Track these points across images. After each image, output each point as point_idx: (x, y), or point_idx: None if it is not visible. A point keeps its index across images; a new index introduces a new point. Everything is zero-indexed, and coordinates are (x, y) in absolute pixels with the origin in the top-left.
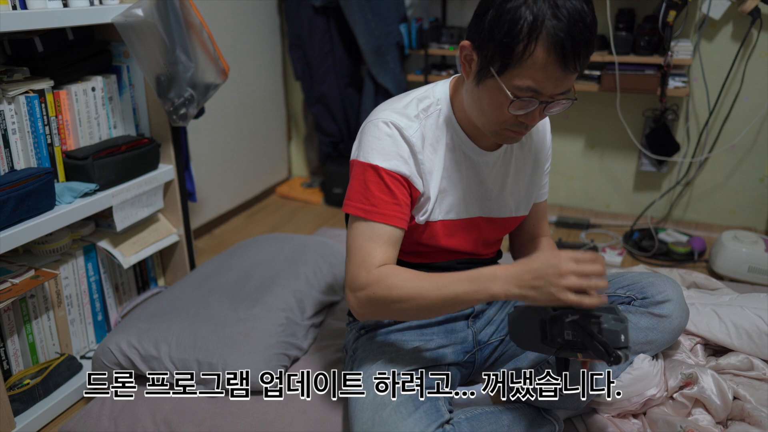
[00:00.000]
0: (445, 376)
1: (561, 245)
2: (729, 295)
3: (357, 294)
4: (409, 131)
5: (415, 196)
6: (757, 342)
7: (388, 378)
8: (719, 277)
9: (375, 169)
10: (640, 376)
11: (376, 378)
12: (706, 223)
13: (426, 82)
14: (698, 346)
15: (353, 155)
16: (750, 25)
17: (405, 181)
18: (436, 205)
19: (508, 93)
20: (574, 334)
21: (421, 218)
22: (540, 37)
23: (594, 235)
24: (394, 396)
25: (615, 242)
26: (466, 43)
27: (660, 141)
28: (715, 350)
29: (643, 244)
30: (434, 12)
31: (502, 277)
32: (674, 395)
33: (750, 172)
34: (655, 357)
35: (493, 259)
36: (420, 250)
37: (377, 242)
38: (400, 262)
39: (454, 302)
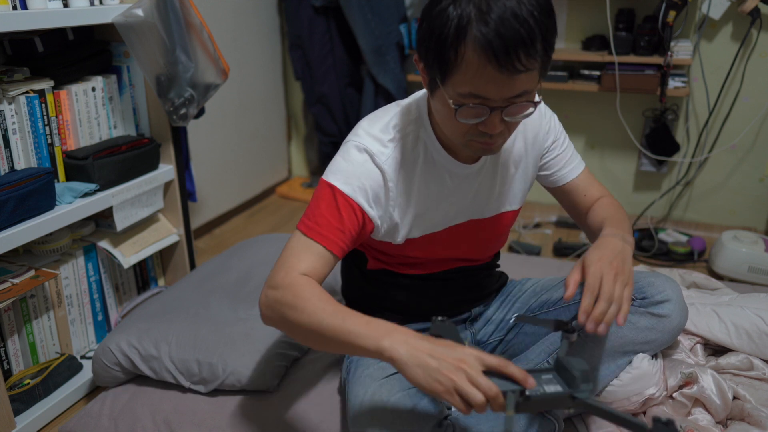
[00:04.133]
0: None
1: (561, 245)
2: (729, 295)
3: (268, 292)
4: (381, 158)
5: (367, 229)
6: (757, 342)
7: (391, 376)
8: (719, 277)
9: (332, 188)
10: (639, 375)
11: (376, 378)
12: (706, 223)
13: None
14: (698, 346)
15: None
16: (750, 25)
17: (359, 212)
18: (413, 226)
19: (449, 102)
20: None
21: (398, 240)
22: (467, 39)
23: None
24: (391, 395)
25: None
26: (415, 56)
27: (660, 141)
28: (715, 350)
29: (643, 244)
30: None
31: (398, 336)
32: (674, 395)
33: (750, 172)
34: (654, 356)
35: (490, 264)
36: (410, 262)
37: (308, 254)
38: (395, 275)
39: (344, 338)
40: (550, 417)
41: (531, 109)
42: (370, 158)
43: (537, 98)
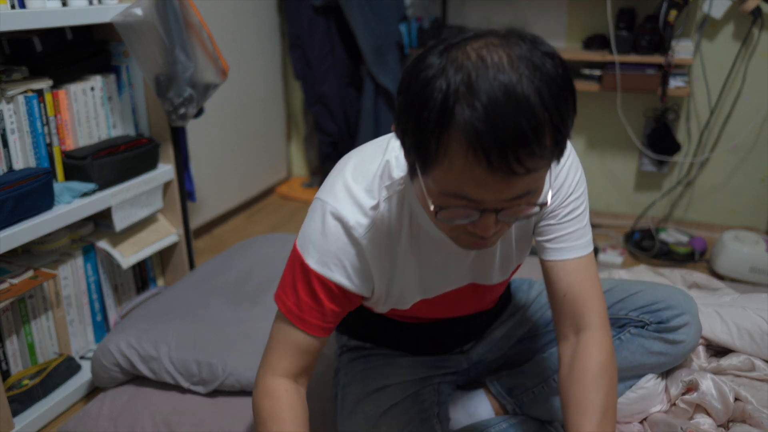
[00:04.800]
0: (437, 396)
1: None
2: (730, 296)
3: (255, 391)
4: (359, 231)
5: (355, 302)
6: (759, 342)
7: (386, 413)
8: (720, 277)
9: (305, 269)
10: (645, 395)
11: (371, 417)
12: (707, 223)
13: None
14: (700, 348)
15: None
16: (751, 25)
17: (339, 290)
18: (403, 297)
19: (430, 203)
20: None
21: (383, 309)
22: (452, 126)
23: (594, 235)
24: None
25: (616, 242)
26: (393, 126)
27: (661, 141)
28: (716, 351)
29: (644, 244)
30: (434, 11)
31: None
32: (676, 402)
33: (751, 172)
34: (660, 374)
35: (496, 307)
36: (407, 315)
37: (290, 346)
38: (393, 323)
39: None
40: (552, 429)
41: (533, 211)
42: (344, 231)
43: (543, 198)
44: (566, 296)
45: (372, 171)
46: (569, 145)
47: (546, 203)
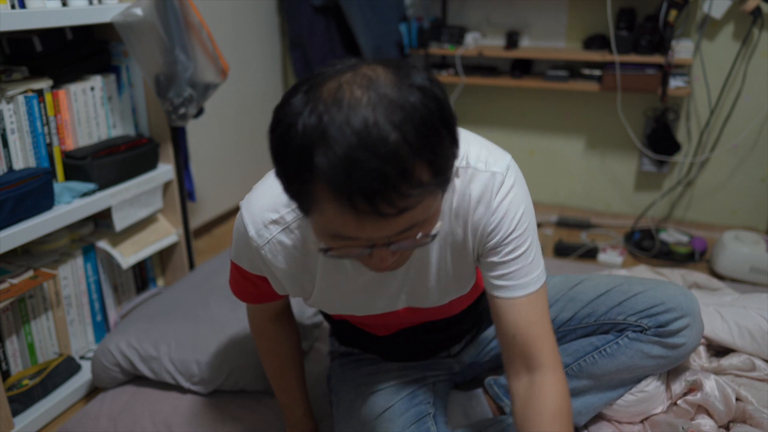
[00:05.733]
0: (431, 397)
1: (562, 245)
2: (730, 296)
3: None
4: (257, 241)
5: (280, 294)
6: (760, 342)
7: (381, 416)
8: (720, 277)
9: (237, 267)
10: (645, 398)
11: (366, 421)
12: (707, 223)
13: None
14: (701, 347)
15: None
16: (751, 25)
17: (262, 280)
18: (330, 308)
19: (312, 245)
20: None
21: (328, 311)
22: (313, 171)
23: (595, 235)
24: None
25: (616, 242)
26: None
27: (661, 141)
28: (717, 351)
29: (644, 244)
30: (434, 11)
31: None
32: (678, 402)
33: (751, 172)
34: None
35: (463, 313)
36: (363, 322)
37: (254, 309)
38: (357, 329)
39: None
40: None
41: (424, 241)
42: (246, 239)
43: (436, 229)
44: (516, 337)
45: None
46: (514, 177)
47: (436, 234)
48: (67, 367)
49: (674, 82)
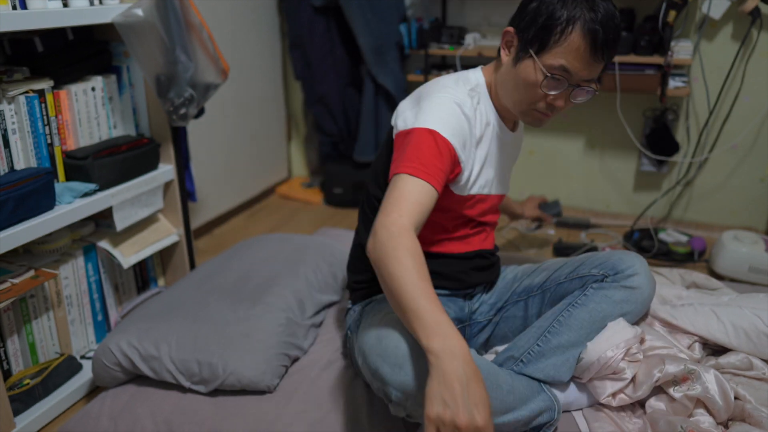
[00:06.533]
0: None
1: (561, 245)
2: (729, 295)
3: (380, 230)
4: (466, 107)
5: (455, 172)
6: (755, 342)
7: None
8: (719, 277)
9: (432, 133)
10: (614, 328)
11: (385, 313)
12: (706, 223)
13: (425, 82)
14: (696, 344)
15: (407, 125)
16: (750, 25)
17: (453, 155)
18: (477, 179)
19: (544, 70)
20: None
21: (465, 190)
22: (577, 23)
23: (594, 235)
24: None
25: (615, 242)
26: (509, 29)
27: (660, 141)
28: (714, 350)
29: (644, 244)
30: (434, 12)
31: (450, 346)
32: (676, 395)
33: (750, 172)
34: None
35: (494, 250)
36: (458, 224)
37: (418, 194)
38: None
39: (409, 311)
40: (549, 393)
41: (591, 95)
42: (460, 109)
43: (598, 88)
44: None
45: (451, 82)
46: None
47: (598, 91)
48: (68, 367)
49: (673, 83)
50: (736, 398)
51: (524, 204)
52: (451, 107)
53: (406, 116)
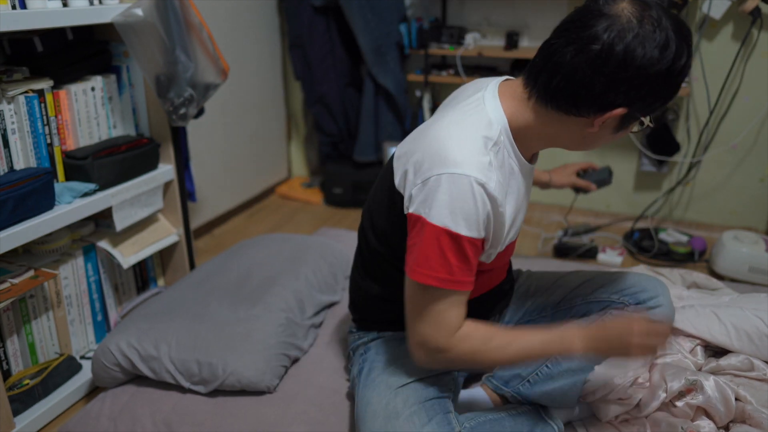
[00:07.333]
0: (453, 385)
1: (562, 245)
2: (729, 296)
3: (436, 356)
4: (491, 185)
5: (484, 247)
6: (757, 344)
7: (406, 386)
8: (720, 277)
9: (455, 237)
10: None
11: (392, 386)
12: (706, 223)
13: (426, 82)
14: (698, 348)
15: (419, 209)
16: (750, 25)
17: (481, 243)
18: (509, 232)
19: (645, 121)
20: None
21: (491, 255)
22: (684, 70)
23: (594, 235)
24: (406, 407)
25: (615, 242)
26: (618, 111)
27: (660, 141)
28: (715, 351)
29: (644, 244)
30: (434, 12)
31: (582, 338)
32: (677, 403)
33: (750, 172)
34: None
35: (509, 276)
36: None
37: (455, 307)
38: None
39: (533, 359)
40: (550, 421)
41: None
42: (483, 190)
43: None
44: None
45: (471, 135)
46: None
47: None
48: (68, 367)
49: None
50: (737, 399)
51: (554, 171)
52: (471, 196)
53: (414, 193)
